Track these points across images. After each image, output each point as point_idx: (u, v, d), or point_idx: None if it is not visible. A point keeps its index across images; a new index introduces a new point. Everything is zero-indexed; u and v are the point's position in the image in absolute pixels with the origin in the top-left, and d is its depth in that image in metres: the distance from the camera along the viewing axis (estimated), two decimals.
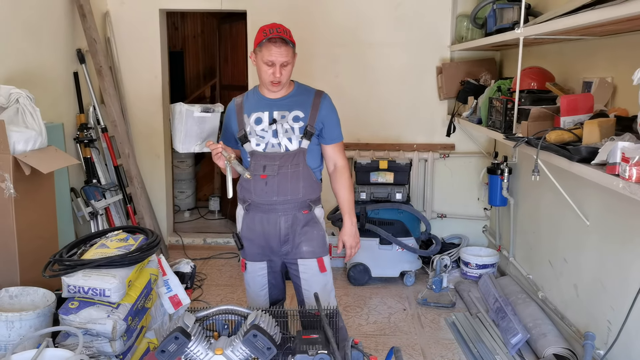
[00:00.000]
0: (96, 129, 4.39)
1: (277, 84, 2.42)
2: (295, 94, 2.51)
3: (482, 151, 4.69)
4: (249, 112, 2.50)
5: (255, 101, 2.52)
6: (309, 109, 2.46)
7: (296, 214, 2.49)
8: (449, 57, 4.66)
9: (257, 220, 2.53)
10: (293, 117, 2.45)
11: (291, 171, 2.45)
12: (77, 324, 2.37)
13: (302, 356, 1.81)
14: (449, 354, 3.28)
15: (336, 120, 2.55)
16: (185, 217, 6.04)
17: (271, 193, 2.47)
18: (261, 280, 2.61)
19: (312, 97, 2.50)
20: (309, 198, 2.51)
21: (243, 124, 2.51)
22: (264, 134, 2.46)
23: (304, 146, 2.46)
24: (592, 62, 2.97)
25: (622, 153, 1.84)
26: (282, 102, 2.49)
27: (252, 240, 2.56)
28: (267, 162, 2.46)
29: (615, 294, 2.66)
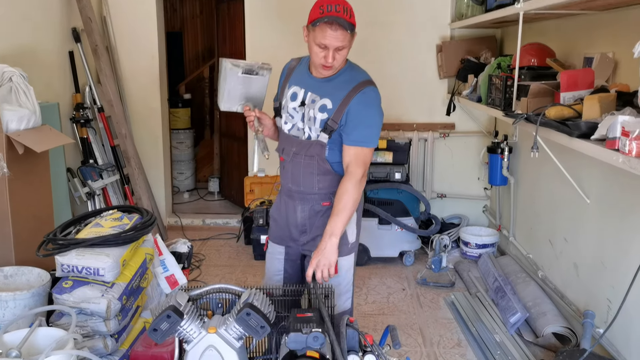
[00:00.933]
0: (92, 109, 4.35)
1: (328, 68, 2.10)
2: (339, 78, 2.16)
3: (483, 130, 4.64)
4: (291, 84, 2.25)
5: (301, 74, 2.24)
6: (339, 101, 2.12)
7: (313, 206, 2.25)
8: (449, 36, 4.59)
9: (282, 203, 2.35)
10: (320, 105, 2.14)
11: (304, 162, 2.21)
12: (71, 303, 2.36)
13: (296, 334, 1.79)
14: (448, 333, 3.27)
15: (366, 120, 2.12)
16: (184, 198, 6.02)
17: (287, 179, 2.28)
18: (277, 265, 2.39)
19: (351, 87, 2.12)
20: (330, 190, 2.22)
21: (283, 94, 2.28)
22: (294, 113, 2.21)
23: (322, 140, 2.16)
24: (593, 38, 2.91)
25: (622, 127, 1.80)
26: (320, 84, 2.17)
27: (276, 221, 2.38)
28: (286, 145, 2.25)
29: (615, 272, 2.64)
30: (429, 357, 3.01)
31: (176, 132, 6.19)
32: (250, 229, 4.52)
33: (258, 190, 4.94)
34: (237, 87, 2.29)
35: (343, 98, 2.11)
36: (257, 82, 2.31)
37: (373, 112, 2.14)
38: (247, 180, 4.98)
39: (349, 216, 2.14)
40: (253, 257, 4.43)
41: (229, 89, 2.29)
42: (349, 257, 2.27)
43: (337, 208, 2.11)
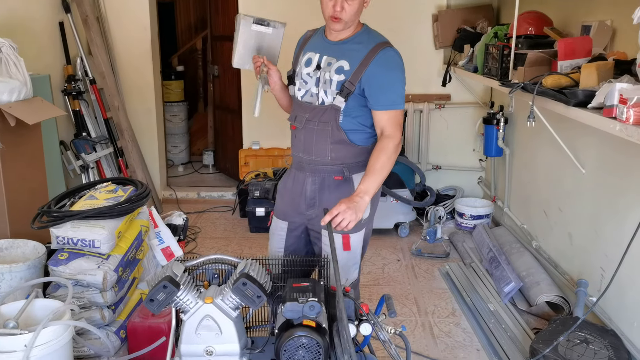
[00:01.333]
0: (84, 81, 4.30)
1: (337, 20, 2.03)
2: (355, 40, 2.10)
3: (479, 101, 4.62)
4: (306, 51, 2.19)
5: (317, 40, 2.19)
6: (358, 62, 2.05)
7: (325, 178, 2.16)
8: (445, 5, 4.53)
9: (290, 176, 2.27)
10: (337, 67, 2.07)
11: (318, 128, 2.12)
12: (67, 275, 2.36)
13: (292, 304, 1.80)
14: (442, 303, 3.30)
15: (389, 82, 2.06)
16: (179, 172, 6.00)
17: (298, 148, 2.20)
18: (278, 241, 2.33)
19: (368, 49, 2.05)
20: (344, 162, 2.13)
21: (297, 62, 2.22)
22: (308, 79, 2.15)
23: (337, 104, 2.08)
24: (591, 5, 2.87)
25: (620, 95, 1.78)
26: (336, 46, 2.11)
27: (282, 195, 2.31)
28: (299, 112, 2.17)
29: (609, 241, 2.65)
30: (424, 326, 3.05)
31: (169, 105, 6.13)
32: (245, 201, 4.52)
33: (253, 163, 4.93)
34: (250, 42, 2.23)
35: (361, 60, 2.05)
36: (271, 37, 2.25)
37: (397, 74, 2.08)
38: (242, 153, 4.96)
39: (384, 177, 2.04)
40: (248, 230, 4.44)
41: (242, 42, 2.22)
42: (360, 233, 2.22)
43: (375, 167, 2.01)
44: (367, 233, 2.27)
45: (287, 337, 1.72)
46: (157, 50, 4.93)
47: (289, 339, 1.72)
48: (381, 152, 2.03)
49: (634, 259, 2.34)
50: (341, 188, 2.15)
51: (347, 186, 2.16)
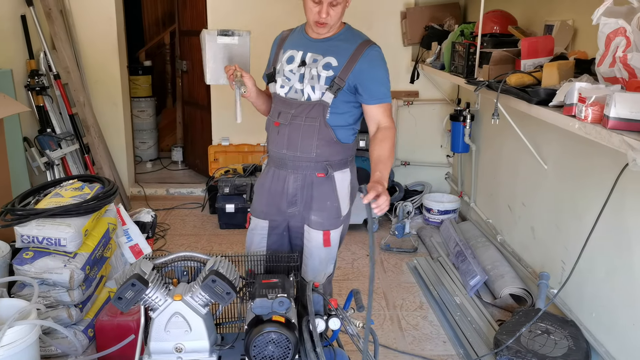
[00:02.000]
0: (48, 76, 4.20)
1: (322, 25, 2.07)
2: (339, 38, 2.14)
3: (446, 98, 4.69)
4: (286, 49, 2.21)
5: (297, 38, 2.21)
6: (345, 59, 2.09)
7: (307, 175, 2.18)
8: (413, 2, 4.58)
9: (269, 174, 2.26)
10: (325, 63, 2.11)
11: (305, 124, 2.13)
12: (33, 274, 2.32)
13: (261, 300, 1.82)
14: (410, 296, 3.36)
15: (380, 77, 2.13)
16: (147, 168, 5.92)
17: (281, 144, 2.19)
18: (259, 241, 2.32)
19: (355, 46, 2.11)
20: (327, 160, 2.16)
21: (277, 60, 2.23)
22: (291, 75, 2.16)
23: (325, 99, 2.10)
24: (554, 5, 2.95)
25: (579, 94, 1.84)
26: (321, 44, 2.14)
27: (261, 194, 2.29)
28: (283, 109, 2.17)
29: (569, 234, 2.74)
30: (392, 319, 3.10)
31: (137, 100, 6.05)
32: (215, 198, 4.50)
33: (222, 159, 4.90)
34: (219, 56, 2.24)
35: (350, 56, 2.09)
36: (238, 47, 2.25)
37: (384, 70, 2.16)
38: (211, 149, 4.93)
39: (392, 164, 2.14)
40: (218, 226, 4.43)
41: (212, 57, 2.23)
42: (338, 230, 2.26)
43: (385, 155, 2.09)
44: (344, 229, 2.32)
45: (257, 332, 1.74)
46: (124, 45, 4.85)
47: (259, 335, 1.73)
48: (386, 141, 2.11)
49: (592, 252, 2.43)
50: (323, 186, 2.18)
51: (329, 184, 2.19)
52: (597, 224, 2.20)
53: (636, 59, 1.75)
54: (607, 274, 2.42)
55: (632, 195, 2.21)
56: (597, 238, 2.37)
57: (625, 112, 1.63)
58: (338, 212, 2.22)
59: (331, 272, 2.36)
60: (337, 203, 2.21)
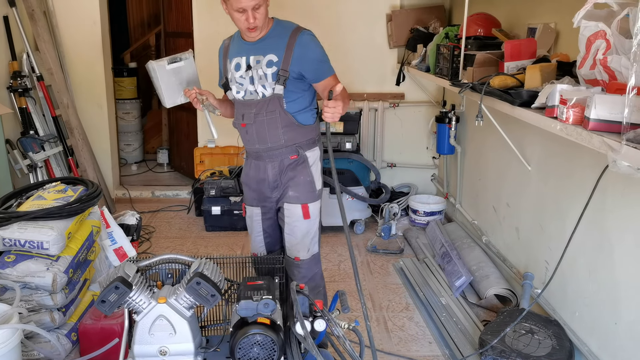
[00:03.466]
0: (31, 78, 4.16)
1: (253, 30, 2.25)
2: (271, 34, 2.31)
3: (432, 100, 4.72)
4: (231, 57, 2.39)
5: (237, 45, 2.39)
6: (283, 52, 2.27)
7: (283, 160, 2.40)
8: (398, 5, 4.60)
9: (252, 167, 2.48)
10: (267, 62, 2.29)
11: (267, 118, 2.33)
12: (15, 278, 2.30)
13: (246, 302, 1.81)
14: (396, 297, 3.37)
15: (318, 57, 2.30)
16: (132, 170, 5.88)
17: (252, 141, 2.39)
18: (257, 226, 2.55)
19: (287, 38, 2.28)
20: (296, 142, 2.37)
21: (226, 70, 2.41)
22: (243, 80, 2.35)
23: (278, 92, 2.29)
24: (537, 8, 2.98)
25: (561, 95, 1.86)
26: (258, 45, 2.32)
27: (248, 185, 2.52)
28: (245, 110, 2.37)
29: (552, 235, 2.77)
30: (378, 320, 3.10)
31: (122, 102, 6.01)
32: (200, 200, 4.48)
33: (208, 161, 4.89)
34: (171, 80, 2.44)
35: (285, 48, 2.26)
36: (186, 68, 2.45)
37: (321, 49, 2.32)
38: (197, 151, 4.91)
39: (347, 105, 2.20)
40: (204, 229, 4.41)
41: (164, 84, 2.43)
42: (317, 203, 2.46)
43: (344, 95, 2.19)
44: (320, 206, 2.51)
45: (242, 334, 1.74)
46: (108, 46, 4.82)
47: (244, 337, 1.73)
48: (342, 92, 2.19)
49: (575, 252, 2.46)
50: (298, 166, 2.40)
51: (303, 164, 2.41)
52: (579, 224, 2.23)
53: (616, 61, 1.77)
54: (589, 273, 2.44)
55: (613, 195, 2.24)
56: (580, 238, 2.40)
57: (605, 114, 1.65)
58: (312, 186, 2.43)
59: (317, 250, 2.53)
60: (311, 177, 2.42)
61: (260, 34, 2.29)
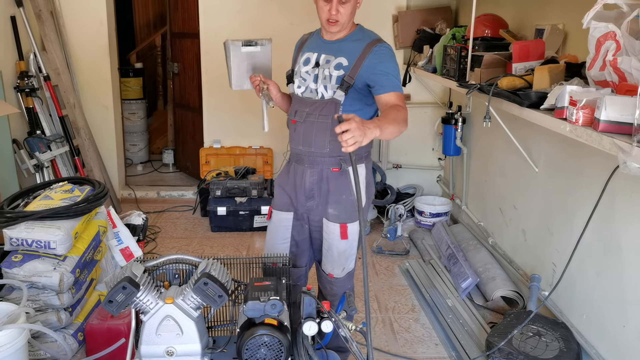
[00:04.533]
0: (38, 78, 4.17)
1: (333, 24, 2.16)
2: (351, 38, 2.23)
3: (438, 101, 4.71)
4: (304, 51, 2.31)
5: (314, 41, 2.32)
6: (355, 58, 2.17)
7: (323, 169, 2.26)
8: (405, 6, 4.59)
9: (290, 169, 2.36)
10: (336, 64, 2.19)
11: (318, 121, 2.22)
12: (22, 277, 2.30)
13: (253, 302, 1.81)
14: (402, 299, 3.36)
15: (388, 69, 2.15)
16: (138, 171, 5.89)
17: (298, 141, 2.29)
18: (284, 232, 2.39)
19: (364, 45, 2.18)
20: (340, 155, 2.21)
21: (296, 62, 2.34)
22: (307, 76, 2.26)
23: (337, 97, 2.18)
24: (544, 9, 2.97)
25: (570, 97, 1.85)
26: (334, 45, 2.23)
27: (282, 187, 2.38)
28: (299, 107, 2.28)
29: (560, 237, 2.75)
30: (384, 322, 3.09)
31: (128, 103, 6.02)
32: (206, 200, 4.48)
33: (214, 162, 4.89)
34: (243, 64, 2.36)
35: (359, 55, 2.16)
36: (261, 55, 2.37)
37: (393, 64, 2.18)
38: (203, 152, 4.91)
39: (393, 129, 2.02)
40: (210, 229, 4.41)
41: (236, 66, 2.36)
42: (356, 223, 2.29)
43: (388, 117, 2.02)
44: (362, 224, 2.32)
45: (249, 335, 1.73)
46: (115, 46, 4.83)
47: (251, 338, 1.72)
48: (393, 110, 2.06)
49: (583, 254, 2.44)
50: (339, 180, 2.26)
51: (344, 178, 2.26)
52: (587, 226, 2.21)
53: (626, 62, 1.76)
54: (597, 275, 2.43)
55: (622, 197, 2.23)
56: (588, 240, 2.39)
57: (616, 115, 1.64)
58: (354, 205, 2.26)
59: (352, 268, 2.42)
60: (353, 197, 2.24)
61: (340, 33, 2.22)
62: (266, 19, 4.48)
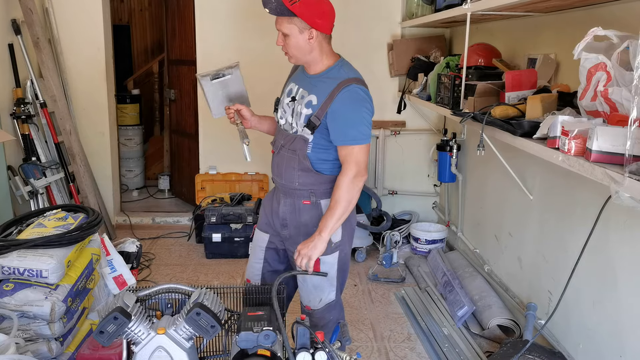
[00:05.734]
0: (34, 104, 4.18)
1: (286, 54, 2.18)
2: (326, 75, 2.17)
3: (432, 128, 4.74)
4: (290, 81, 2.31)
5: (300, 71, 2.30)
6: (324, 98, 2.11)
7: (295, 201, 2.25)
8: (399, 34, 4.66)
9: (273, 193, 2.39)
10: (307, 101, 2.16)
11: (288, 155, 2.22)
12: (13, 307, 2.28)
13: (246, 333, 1.79)
14: (398, 327, 3.33)
15: (350, 119, 2.09)
16: (133, 197, 5.88)
17: (274, 171, 2.33)
18: (259, 252, 2.42)
19: (334, 85, 2.11)
20: (311, 189, 2.22)
21: (283, 90, 2.33)
22: (287, 108, 2.25)
23: (305, 135, 2.16)
24: (537, 39, 3.02)
25: (562, 127, 1.87)
26: (312, 80, 2.20)
27: (265, 208, 2.42)
28: (277, 138, 2.31)
29: (555, 265, 2.75)
30: (380, 351, 3.06)
31: (124, 129, 6.04)
32: (201, 227, 4.47)
33: (209, 188, 4.89)
34: (217, 94, 2.42)
35: (327, 95, 2.11)
36: (232, 81, 2.42)
37: (359, 110, 2.10)
38: (198, 178, 4.91)
39: (340, 214, 2.12)
40: (205, 256, 4.38)
41: (211, 97, 2.42)
42: (332, 255, 2.27)
43: (330, 205, 2.14)
44: (342, 256, 2.32)
45: None
46: (112, 73, 4.87)
47: None
48: (335, 191, 2.14)
49: (579, 282, 2.43)
50: (310, 212, 2.25)
51: (316, 211, 2.25)
52: (582, 255, 2.21)
53: (617, 93, 1.78)
54: (593, 304, 2.42)
55: (616, 227, 2.23)
56: (583, 269, 2.38)
57: (607, 146, 1.66)
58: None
59: (332, 299, 2.36)
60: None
61: (316, 68, 2.18)
62: (261, 47, 4.53)
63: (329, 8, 2.14)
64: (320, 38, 2.14)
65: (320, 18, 2.09)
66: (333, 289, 2.35)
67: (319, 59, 2.18)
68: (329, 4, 2.15)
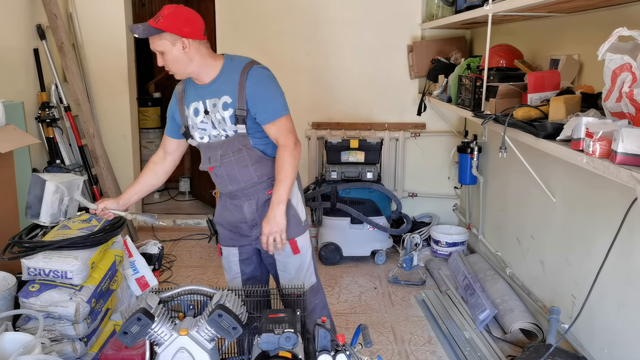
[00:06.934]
0: (59, 108, 4.26)
1: (170, 73, 2.22)
2: (223, 74, 2.20)
3: (453, 130, 4.71)
4: (188, 103, 2.28)
5: (193, 89, 2.27)
6: (236, 92, 2.16)
7: (259, 198, 2.30)
8: (419, 36, 4.64)
9: (227, 206, 2.39)
10: (222, 104, 2.19)
11: (235, 158, 2.24)
12: (38, 307, 2.31)
13: (268, 335, 1.80)
14: (419, 330, 3.31)
15: (267, 95, 2.18)
16: (154, 199, 5.94)
17: (224, 183, 2.32)
18: (234, 267, 2.46)
19: (239, 73, 2.17)
20: (270, 177, 2.27)
21: (185, 117, 2.30)
22: (205, 125, 2.25)
23: (241, 131, 2.20)
24: (559, 40, 2.98)
25: (586, 128, 1.84)
26: (212, 87, 2.21)
27: (222, 225, 2.43)
28: (211, 153, 2.28)
29: (579, 268, 2.71)
30: (400, 354, 3.05)
31: (146, 132, 6.11)
32: None
33: None
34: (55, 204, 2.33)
35: (238, 86, 2.16)
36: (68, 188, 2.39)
37: (270, 86, 2.20)
38: None
39: (291, 184, 2.21)
40: None
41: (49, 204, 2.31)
42: (305, 235, 2.38)
43: (279, 177, 2.19)
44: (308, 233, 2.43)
45: None
46: (134, 77, 4.93)
47: None
48: (282, 165, 2.19)
49: (603, 286, 2.39)
50: None
51: None
52: (607, 258, 2.17)
53: None
54: (618, 308, 2.38)
55: None
56: (608, 272, 2.34)
57: (633, 148, 1.63)
58: (298, 218, 2.34)
59: (314, 281, 2.45)
60: (293, 210, 2.32)
61: (207, 76, 2.20)
62: (281, 54, 4.55)
63: (192, 15, 2.18)
64: (195, 45, 2.16)
65: (186, 26, 2.12)
66: (312, 269, 2.45)
67: (203, 65, 2.19)
68: (192, 10, 2.19)
